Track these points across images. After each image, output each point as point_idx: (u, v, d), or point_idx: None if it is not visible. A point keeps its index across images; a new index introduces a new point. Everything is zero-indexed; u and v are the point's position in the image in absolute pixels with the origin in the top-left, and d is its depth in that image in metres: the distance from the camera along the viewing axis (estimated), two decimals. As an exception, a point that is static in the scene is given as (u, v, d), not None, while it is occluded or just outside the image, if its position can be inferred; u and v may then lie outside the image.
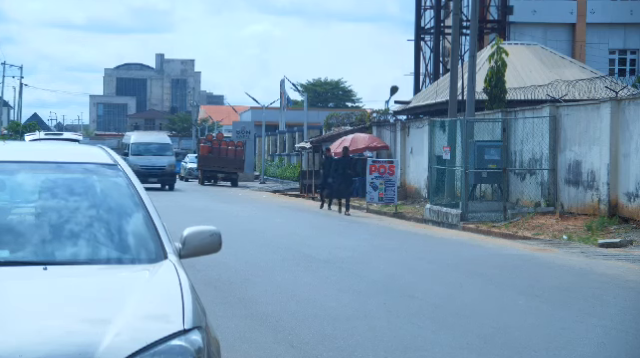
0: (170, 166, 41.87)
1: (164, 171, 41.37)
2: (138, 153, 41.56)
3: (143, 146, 42.22)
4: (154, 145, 42.61)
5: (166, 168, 41.51)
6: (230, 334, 8.35)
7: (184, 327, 3.72)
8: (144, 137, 44.80)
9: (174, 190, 40.90)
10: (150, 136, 46.58)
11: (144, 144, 42.46)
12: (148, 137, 45.22)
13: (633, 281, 12.86)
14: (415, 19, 45.69)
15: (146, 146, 42.25)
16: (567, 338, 8.63)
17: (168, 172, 41.62)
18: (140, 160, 40.44)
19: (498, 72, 27.17)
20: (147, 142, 42.86)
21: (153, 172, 40.81)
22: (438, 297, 11.07)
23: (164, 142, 43.96)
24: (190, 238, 4.76)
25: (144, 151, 41.80)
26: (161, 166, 41.26)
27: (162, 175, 41.33)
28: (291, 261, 14.53)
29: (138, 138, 43.76)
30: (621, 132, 20.27)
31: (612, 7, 43.56)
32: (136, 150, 41.91)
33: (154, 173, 40.83)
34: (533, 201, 23.37)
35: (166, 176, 41.59)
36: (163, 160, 41.59)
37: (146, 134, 49.44)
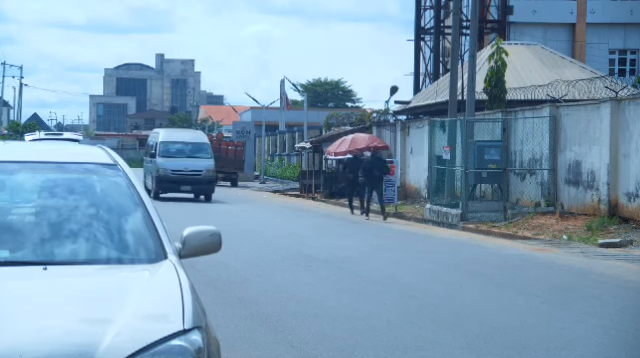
0: (208, 171, 33.19)
1: (200, 177, 32.78)
2: (168, 154, 33.37)
3: (174, 146, 33.97)
4: (188, 145, 34.27)
5: (203, 174, 32.86)
6: (230, 334, 8.35)
7: (184, 327, 3.72)
8: (176, 135, 36.43)
9: (212, 201, 32.54)
10: (183, 134, 38.10)
11: (176, 143, 34.22)
12: (181, 135, 36.79)
13: (633, 281, 12.86)
14: (415, 19, 45.70)
15: (178, 146, 34.06)
16: (567, 338, 8.63)
17: (206, 179, 32.95)
18: (170, 163, 32.81)
19: (498, 72, 27.17)
20: (180, 141, 34.56)
21: (187, 178, 32.65)
22: (438, 297, 11.07)
23: (201, 141, 35.18)
24: (190, 238, 4.76)
25: (176, 152, 33.62)
26: (197, 171, 32.78)
27: (198, 182, 32.84)
28: (291, 261, 14.53)
29: (168, 136, 35.30)
30: (621, 132, 20.27)
31: (612, 7, 43.56)
32: (165, 151, 33.58)
33: (188, 179, 32.65)
34: (533, 201, 23.37)
35: (203, 184, 32.92)
36: (200, 163, 33.13)
37: (178, 132, 41.52)
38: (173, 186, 32.72)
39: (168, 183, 32.57)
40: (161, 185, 32.71)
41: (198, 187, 32.95)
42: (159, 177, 32.63)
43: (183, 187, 32.61)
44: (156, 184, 32.76)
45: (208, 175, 33.16)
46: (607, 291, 11.95)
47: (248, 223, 23.01)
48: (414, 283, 12.34)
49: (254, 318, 9.41)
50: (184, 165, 32.87)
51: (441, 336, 8.62)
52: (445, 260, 15.41)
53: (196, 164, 33.11)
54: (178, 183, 32.58)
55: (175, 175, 32.56)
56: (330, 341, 8.29)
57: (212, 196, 33.03)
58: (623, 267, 14.40)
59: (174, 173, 32.57)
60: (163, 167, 32.74)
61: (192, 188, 32.91)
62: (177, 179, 32.51)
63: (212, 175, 33.58)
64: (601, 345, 8.40)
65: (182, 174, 32.66)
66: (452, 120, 25.71)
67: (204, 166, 33.17)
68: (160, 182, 32.61)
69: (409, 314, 9.76)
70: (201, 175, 32.80)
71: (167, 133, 36.48)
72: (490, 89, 27.29)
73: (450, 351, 8.00)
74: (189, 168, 32.83)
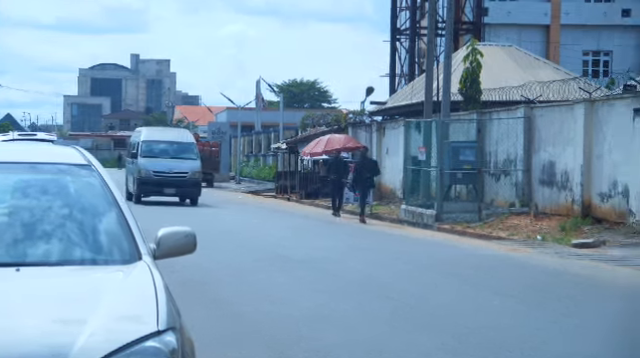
0: (194, 174, 31.03)
1: (185, 180, 30.64)
2: (151, 154, 31.25)
3: (158, 146, 31.80)
4: (173, 145, 32.04)
5: (188, 176, 30.74)
6: (205, 335, 8.32)
7: (158, 328, 3.71)
8: (159, 134, 34.54)
9: (197, 205, 30.43)
10: (168, 133, 36.09)
11: (159, 143, 32.05)
12: (165, 134, 34.60)
13: (606, 281, 12.96)
14: (391, 20, 45.82)
15: (162, 146, 31.86)
16: (541, 338, 8.68)
17: (191, 181, 30.80)
18: (153, 164, 30.72)
19: (473, 73, 27.28)
20: (163, 140, 32.34)
21: (171, 181, 30.39)
22: (414, 297, 11.10)
23: (186, 141, 32.80)
24: (165, 239, 4.74)
25: (159, 152, 31.43)
26: (182, 173, 30.58)
27: (183, 185, 30.62)
28: (266, 262, 14.51)
29: (151, 135, 33.31)
30: (595, 133, 20.42)
31: (586, 9, 43.89)
32: (148, 151, 31.41)
33: (172, 182, 30.42)
34: (508, 202, 23.49)
35: (188, 187, 30.73)
36: (185, 165, 30.95)
37: (162, 130, 39.28)
38: (156, 189, 30.34)
39: (150, 186, 30.38)
40: (143, 188, 30.54)
41: (183, 190, 30.80)
42: (141, 179, 30.43)
43: (167, 190, 30.38)
44: (137, 187, 30.57)
45: (194, 177, 30.96)
46: (581, 291, 12.03)
47: (224, 224, 22.96)
48: (390, 283, 12.36)
49: (229, 318, 9.39)
50: (168, 166, 30.62)
51: (417, 337, 8.64)
52: (420, 260, 15.46)
53: (181, 165, 30.83)
54: (161, 186, 30.27)
55: (158, 177, 30.27)
56: (306, 342, 8.29)
57: (198, 200, 30.83)
58: (597, 267, 14.50)
59: (157, 175, 30.33)
60: (145, 168, 30.51)
61: (177, 191, 30.70)
62: (160, 181, 30.21)
63: (198, 177, 31.42)
64: (575, 345, 8.45)
65: (166, 176, 30.42)
66: (427, 121, 25.79)
67: (190, 167, 30.86)
68: (142, 184, 30.46)
69: (385, 314, 9.78)
70: (186, 177, 30.59)
71: (150, 132, 34.37)
72: (465, 90, 27.40)
73: (426, 351, 8.02)
74: (173, 169, 30.55)
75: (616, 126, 19.59)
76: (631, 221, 18.61)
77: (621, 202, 19.31)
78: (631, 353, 8.17)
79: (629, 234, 18.14)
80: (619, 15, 43.87)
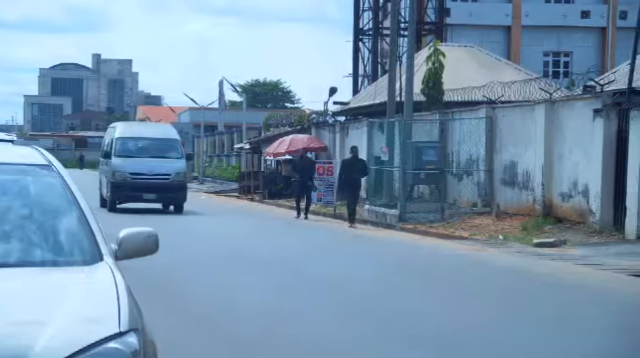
0: (179, 175, 26.75)
1: (169, 182, 26.23)
2: (127, 154, 26.78)
3: (136, 143, 27.28)
4: (153, 142, 27.48)
5: (172, 178, 26.37)
6: (169, 336, 8.27)
7: (120, 329, 3.68)
8: (137, 129, 29.85)
9: (183, 213, 26.49)
10: (147, 128, 31.03)
11: (137, 140, 27.49)
12: (143, 130, 29.92)
13: (567, 280, 13.09)
14: (353, 21, 45.91)
15: (141, 143, 27.35)
16: (503, 337, 8.75)
17: (175, 184, 26.42)
18: (129, 164, 26.32)
19: (435, 73, 27.42)
20: (142, 137, 27.81)
21: (151, 184, 26.06)
22: (376, 297, 11.12)
23: (169, 137, 28.17)
24: (126, 239, 4.71)
25: (137, 151, 27.00)
26: (164, 175, 26.27)
27: (165, 189, 26.15)
28: (231, 262, 14.47)
29: (128, 130, 28.46)
30: (555, 133, 20.61)
31: (546, 10, 44.32)
32: (124, 149, 26.92)
33: (153, 185, 26.03)
34: (470, 202, 23.64)
35: (172, 191, 26.31)
36: (168, 165, 26.68)
37: (141, 125, 34.41)
38: (133, 194, 26.10)
39: (127, 190, 26.07)
40: (118, 193, 26.23)
41: (166, 195, 26.35)
42: (115, 183, 26.10)
43: (146, 195, 25.95)
44: (111, 191, 26.23)
45: (179, 179, 26.60)
46: (542, 291, 12.14)
47: (187, 224, 22.86)
48: (353, 284, 12.38)
49: (193, 319, 9.35)
50: (147, 167, 26.22)
51: (379, 337, 8.66)
52: (384, 260, 15.50)
53: (163, 166, 26.51)
54: (140, 190, 25.89)
55: (136, 180, 25.95)
56: (269, 341, 8.28)
57: (184, 206, 26.76)
58: (557, 267, 14.64)
59: (135, 177, 26.00)
60: (120, 170, 26.10)
61: (158, 196, 26.28)
62: (138, 185, 25.88)
63: (184, 179, 27.31)
64: (536, 343, 8.52)
65: (145, 178, 26.02)
66: (390, 121, 25.87)
67: (173, 168, 26.61)
68: (116, 189, 26.12)
69: (348, 314, 9.79)
70: (169, 179, 26.17)
71: (126, 127, 29.40)
72: (428, 90, 27.53)
73: (390, 350, 8.05)
74: (154, 171, 26.20)
75: (576, 126, 19.80)
76: (591, 220, 18.82)
77: (581, 202, 19.51)
78: (590, 349, 8.26)
79: (589, 233, 18.34)
80: (578, 16, 44.35)
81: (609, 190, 18.44)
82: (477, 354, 8.01)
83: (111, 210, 25.71)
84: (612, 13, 44.09)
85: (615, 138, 18.46)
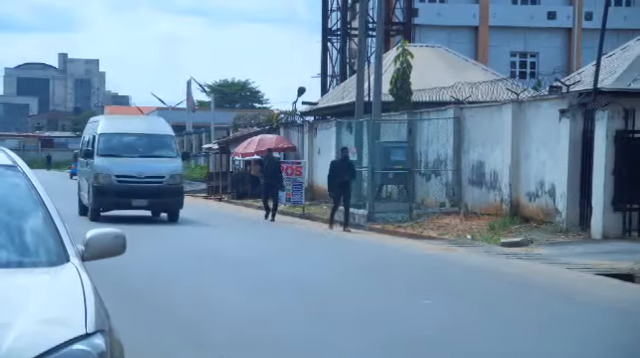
0: (174, 177, 22.95)
1: (162, 187, 22.57)
2: (112, 152, 22.99)
3: (122, 140, 23.45)
4: (143, 138, 23.64)
5: (166, 180, 22.68)
6: (137, 337, 8.22)
7: (86, 331, 3.66)
8: (124, 124, 25.08)
9: (178, 222, 23.06)
10: (135, 122, 26.21)
11: (124, 136, 23.59)
12: (131, 124, 25.19)
13: (534, 280, 13.18)
14: (322, 21, 45.94)
15: (128, 139, 23.51)
16: (471, 336, 8.79)
17: (170, 189, 22.67)
18: (115, 165, 22.63)
19: (403, 74, 27.51)
20: (130, 133, 23.77)
21: (141, 188, 22.41)
22: (345, 298, 11.13)
23: (162, 133, 24.09)
24: (93, 240, 4.67)
25: (124, 149, 23.18)
26: (156, 177, 22.63)
27: (158, 194, 22.48)
28: (200, 263, 14.42)
29: (112, 125, 24.30)
30: (522, 133, 20.76)
31: (513, 11, 44.63)
32: (108, 147, 23.11)
33: (143, 190, 22.39)
34: (438, 201, 23.74)
35: (166, 196, 22.60)
36: (161, 166, 22.89)
37: (127, 119, 28.98)
38: (120, 200, 22.39)
39: (113, 196, 22.29)
40: (101, 199, 22.52)
41: (159, 201, 22.59)
42: (99, 187, 22.35)
43: (136, 201, 22.25)
44: (94, 197, 22.46)
45: (174, 183, 22.74)
46: (509, 290, 12.22)
47: (155, 225, 22.73)
48: (323, 284, 12.39)
49: (162, 321, 9.30)
50: (137, 168, 22.52)
51: (348, 337, 8.67)
52: (353, 261, 15.52)
53: (155, 167, 22.69)
54: (128, 195, 22.13)
55: (123, 183, 22.28)
56: (239, 340, 8.26)
57: (179, 213, 23.17)
58: (524, 266, 14.74)
59: (122, 180, 22.33)
60: (105, 172, 22.40)
61: (150, 202, 22.53)
62: (126, 189, 22.16)
63: (180, 182, 23.24)
64: (504, 342, 8.58)
65: (134, 182, 22.35)
66: (359, 121, 25.92)
67: (168, 169, 22.76)
68: (100, 194, 22.39)
69: (318, 315, 9.79)
70: (163, 183, 22.45)
71: (111, 121, 25.24)
72: (396, 90, 27.61)
73: (358, 350, 8.06)
74: (145, 173, 22.45)
75: (543, 126, 19.95)
76: (557, 220, 18.97)
77: (548, 201, 19.67)
78: (558, 349, 8.33)
79: (556, 233, 18.49)
80: (545, 17, 44.72)
81: (575, 190, 18.60)
82: (446, 354, 8.05)
83: (94, 219, 22.05)
84: (578, 14, 44.50)
85: (581, 138, 18.63)
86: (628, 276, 13.37)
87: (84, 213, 23.47)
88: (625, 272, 13.59)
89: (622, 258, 14.85)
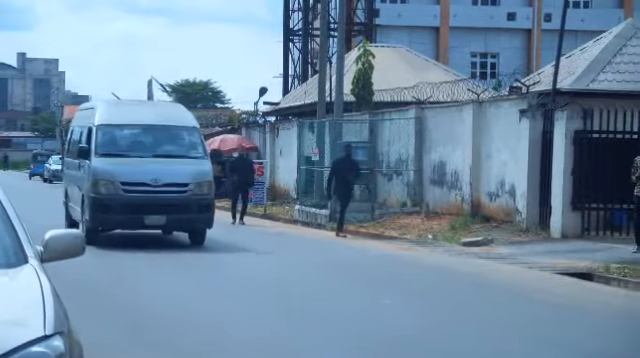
0: (201, 185, 16.96)
1: (184, 198, 16.70)
2: (115, 151, 17.16)
3: (129, 134, 17.58)
4: (158, 131, 17.59)
5: (190, 189, 16.79)
6: (96, 339, 8.16)
7: (45, 333, 3.62)
8: (130, 111, 18.46)
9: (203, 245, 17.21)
10: (144, 110, 19.16)
11: (132, 129, 17.62)
12: (139, 112, 18.53)
13: (494, 279, 13.28)
14: (283, 21, 45.91)
15: (136, 134, 17.61)
16: (433, 335, 8.83)
17: (196, 201, 16.79)
18: (121, 169, 16.70)
19: (365, 74, 27.58)
20: (138, 124, 17.68)
21: (157, 200, 16.56)
22: (306, 298, 11.13)
23: (183, 124, 17.87)
24: (52, 241, 4.63)
25: (131, 146, 17.38)
26: (177, 185, 16.76)
27: (180, 208, 16.63)
28: (158, 263, 14.33)
29: (115, 114, 17.99)
30: (483, 134, 20.91)
31: (473, 12, 44.94)
32: (110, 144, 17.27)
33: (158, 202, 16.54)
34: (400, 201, 23.83)
35: (190, 211, 16.73)
36: (182, 170, 16.99)
37: (134, 106, 20.15)
38: (128, 217, 16.50)
39: (118, 211, 16.41)
40: (102, 215, 16.51)
41: (181, 218, 16.63)
42: (98, 199, 16.40)
43: (150, 219, 16.44)
44: (92, 213, 16.46)
45: (201, 193, 16.79)
46: (470, 289, 12.30)
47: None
48: (282, 285, 12.38)
49: (121, 322, 9.24)
50: (151, 173, 16.55)
51: (308, 336, 8.67)
52: (313, 261, 15.52)
53: (176, 170, 16.76)
54: (139, 211, 16.32)
55: (132, 194, 16.44)
56: (180, 339, 8.23)
57: (205, 234, 17.24)
58: (484, 266, 14.84)
59: (130, 190, 16.45)
60: (107, 177, 16.44)
61: (168, 220, 16.59)
62: (136, 202, 16.33)
63: (209, 193, 16.99)
64: (465, 341, 8.63)
65: (147, 192, 16.48)
66: (321, 121, 25.94)
67: (192, 174, 16.80)
68: (100, 209, 16.41)
69: (279, 316, 9.79)
70: (186, 192, 16.59)
71: (112, 109, 18.43)
72: (357, 91, 27.67)
73: (318, 350, 8.06)
74: (162, 179, 16.52)
75: (503, 127, 20.11)
76: (517, 219, 19.13)
77: (508, 201, 19.83)
78: (516, 347, 8.40)
79: (516, 232, 18.64)
80: (505, 18, 45.08)
81: (535, 189, 18.77)
82: (406, 354, 8.07)
83: (91, 241, 14.64)
84: (537, 15, 44.93)
85: (540, 138, 18.80)
86: (587, 275, 13.52)
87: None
88: (584, 271, 13.74)
89: (581, 257, 15.01)
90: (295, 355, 7.92)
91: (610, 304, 11.14)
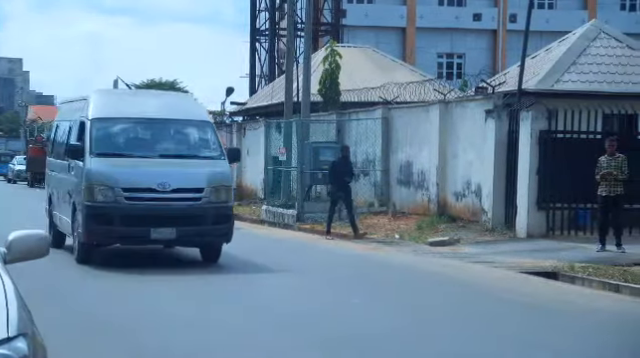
0: (217, 191, 14.09)
1: (198, 207, 13.89)
2: (114, 150, 14.43)
3: (131, 129, 14.84)
4: (164, 126, 15.03)
5: (205, 196, 13.98)
6: (60, 341, 8.09)
7: (8, 335, 3.58)
8: (129, 103, 15.63)
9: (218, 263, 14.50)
10: (147, 100, 16.14)
11: (131, 123, 14.87)
12: (142, 103, 15.79)
13: (460, 278, 13.34)
14: (250, 21, 45.85)
15: (138, 129, 14.92)
16: (402, 334, 8.86)
17: (212, 210, 13.98)
18: (121, 171, 13.90)
19: (332, 74, 27.61)
20: (141, 118, 14.92)
21: (163, 209, 13.75)
22: (275, 299, 11.11)
23: (194, 118, 15.18)
24: (16, 242, 4.57)
25: (132, 144, 14.68)
26: (188, 191, 13.96)
27: (194, 219, 13.82)
28: (121, 264, 14.23)
29: (113, 105, 15.29)
30: (449, 134, 21.01)
31: (440, 12, 45.17)
32: (108, 142, 14.56)
33: (167, 212, 13.75)
34: (367, 201, 23.87)
35: (205, 223, 13.90)
36: (196, 172, 14.21)
37: (134, 97, 17.86)
38: (132, 230, 13.71)
39: (119, 223, 13.70)
40: (99, 228, 13.71)
41: (194, 230, 13.83)
42: (95, 208, 13.70)
43: (157, 232, 13.65)
44: (87, 225, 13.71)
45: (218, 200, 14.09)
46: (436, 288, 12.35)
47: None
48: (252, 285, 12.35)
49: (85, 325, 9.17)
50: (158, 176, 13.84)
51: (276, 338, 8.66)
52: (283, 261, 15.49)
53: (188, 173, 14.14)
54: (144, 222, 13.60)
55: (136, 202, 13.73)
56: (165, 343, 8.18)
57: (220, 251, 14.57)
58: (450, 265, 14.90)
59: (133, 197, 13.74)
60: (105, 182, 13.74)
61: (179, 234, 13.75)
62: (141, 212, 13.64)
63: (227, 201, 14.26)
64: (430, 339, 8.66)
65: (153, 199, 13.75)
66: (288, 121, 25.93)
67: (208, 178, 14.07)
68: (97, 220, 13.67)
69: (246, 316, 9.76)
70: (201, 200, 13.90)
71: (109, 99, 15.66)
72: (325, 91, 27.70)
73: (285, 350, 8.06)
74: (171, 183, 13.80)
75: (469, 127, 20.22)
76: (483, 219, 19.25)
77: (474, 201, 19.94)
78: (484, 346, 8.45)
79: (482, 232, 18.75)
80: (471, 19, 45.37)
81: (500, 189, 18.89)
82: (373, 352, 8.09)
83: (84, 260, 13.82)
84: (502, 16, 45.26)
85: (506, 138, 18.92)
86: (552, 274, 13.63)
87: (59, 244, 15.58)
88: (549, 270, 13.84)
89: (546, 256, 15.13)
90: (259, 354, 7.90)
91: (576, 303, 11.23)
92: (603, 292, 12.26)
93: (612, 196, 15.80)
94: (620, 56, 20.60)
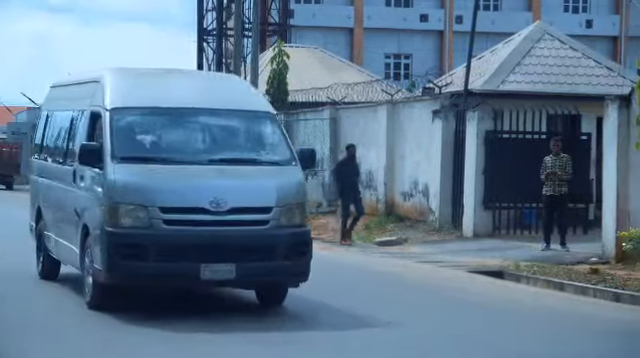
0: (289, 210, 9.80)
1: (263, 232, 9.62)
2: (141, 154, 9.82)
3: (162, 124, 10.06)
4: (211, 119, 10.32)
5: (273, 218, 9.65)
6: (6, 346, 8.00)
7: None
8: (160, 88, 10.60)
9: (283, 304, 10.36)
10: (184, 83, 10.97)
11: (168, 115, 10.12)
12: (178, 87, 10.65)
13: (408, 278, 13.41)
14: (197, 20, 45.55)
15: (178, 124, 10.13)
16: (352, 333, 8.87)
17: (284, 238, 9.68)
18: (158, 184, 9.47)
19: (280, 74, 27.59)
20: (179, 107, 10.21)
21: (218, 236, 9.40)
22: (223, 297, 11.06)
23: (251, 109, 10.68)
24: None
25: (167, 145, 10.01)
26: (250, 211, 9.60)
27: (260, 251, 9.53)
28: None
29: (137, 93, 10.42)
30: (397, 134, 21.12)
31: (387, 13, 45.38)
32: (133, 142, 9.90)
33: (222, 241, 9.39)
34: (315, 202, 23.90)
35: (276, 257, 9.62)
36: (259, 185, 9.82)
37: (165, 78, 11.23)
38: (175, 267, 9.38)
39: (157, 258, 9.35)
40: (129, 265, 9.33)
41: (260, 266, 9.63)
42: (121, 237, 9.42)
43: (210, 268, 9.38)
44: (110, 259, 9.38)
45: (290, 223, 9.91)
46: (385, 288, 12.40)
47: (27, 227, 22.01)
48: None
49: (46, 327, 9.04)
50: (209, 190, 9.57)
51: (220, 337, 8.63)
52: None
53: (249, 186, 9.88)
54: (192, 256, 9.34)
55: (179, 227, 9.49)
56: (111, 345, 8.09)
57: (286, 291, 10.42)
58: (398, 265, 14.98)
59: (174, 220, 9.49)
60: (135, 199, 9.47)
61: (240, 271, 9.47)
62: (188, 241, 9.41)
63: (302, 222, 10.16)
64: (378, 337, 8.69)
65: (203, 223, 9.50)
66: (235, 122, 25.79)
67: (276, 191, 9.89)
68: (126, 253, 9.34)
69: (200, 318, 9.72)
70: (268, 223, 9.71)
71: (131, 82, 10.90)
72: (272, 91, 27.66)
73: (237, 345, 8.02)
74: (227, 200, 9.56)
75: (417, 127, 20.35)
76: (431, 219, 19.39)
77: (422, 201, 20.07)
78: (433, 345, 8.50)
79: (429, 231, 18.89)
80: (418, 20, 45.66)
81: (447, 189, 19.04)
82: (318, 352, 8.10)
83: (98, 306, 9.79)
84: (449, 17, 45.63)
85: (453, 138, 19.08)
86: (498, 273, 13.79)
87: (52, 274, 12.02)
88: (495, 269, 14.00)
89: (492, 255, 15.28)
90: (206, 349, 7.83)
91: (523, 302, 11.37)
92: (548, 290, 12.43)
93: (557, 195, 16.02)
94: (564, 57, 20.91)
